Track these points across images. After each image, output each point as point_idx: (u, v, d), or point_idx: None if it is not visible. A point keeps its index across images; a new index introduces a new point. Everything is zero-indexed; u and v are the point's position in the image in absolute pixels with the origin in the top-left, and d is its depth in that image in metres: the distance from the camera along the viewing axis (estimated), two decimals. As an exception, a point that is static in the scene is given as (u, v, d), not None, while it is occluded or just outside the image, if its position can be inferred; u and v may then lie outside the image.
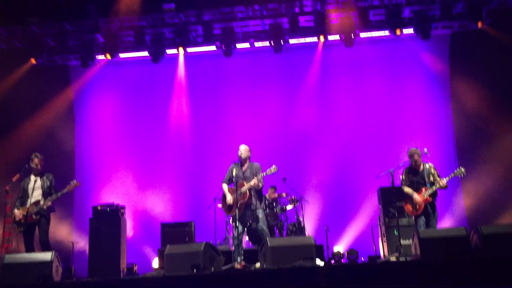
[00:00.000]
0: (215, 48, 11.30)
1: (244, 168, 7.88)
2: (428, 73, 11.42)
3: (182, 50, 11.13)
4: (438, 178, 7.66)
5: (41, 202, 7.63)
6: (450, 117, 11.20)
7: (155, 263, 9.48)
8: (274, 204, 9.88)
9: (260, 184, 7.67)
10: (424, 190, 7.63)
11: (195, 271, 6.23)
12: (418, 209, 7.63)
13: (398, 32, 10.51)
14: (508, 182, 10.29)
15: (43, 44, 10.96)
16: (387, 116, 11.36)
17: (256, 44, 11.53)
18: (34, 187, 7.76)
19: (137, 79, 12.07)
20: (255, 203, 7.72)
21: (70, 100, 11.96)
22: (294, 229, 9.67)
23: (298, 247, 6.71)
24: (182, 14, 10.72)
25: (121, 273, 8.86)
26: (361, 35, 10.95)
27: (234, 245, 7.74)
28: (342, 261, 9.18)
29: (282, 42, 10.82)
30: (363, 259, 9.24)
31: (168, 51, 11.29)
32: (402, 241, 8.37)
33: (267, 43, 11.05)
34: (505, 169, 10.28)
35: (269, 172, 7.61)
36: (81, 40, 11.09)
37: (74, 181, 7.75)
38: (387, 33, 10.95)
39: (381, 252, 9.32)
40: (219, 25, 10.87)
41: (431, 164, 7.84)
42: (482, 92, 10.63)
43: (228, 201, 7.84)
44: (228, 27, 10.86)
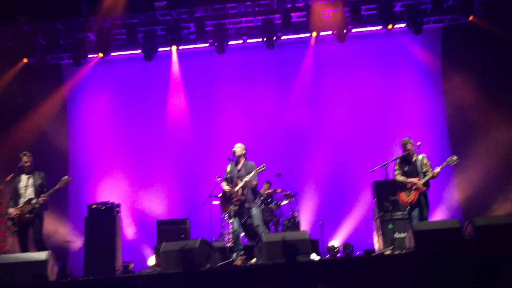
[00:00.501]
0: (207, 45, 11.29)
1: (239, 167, 7.95)
2: (420, 67, 11.46)
3: (175, 48, 11.10)
4: (430, 168, 7.72)
5: (34, 200, 7.61)
6: (443, 110, 11.25)
7: (151, 260, 9.48)
8: (269, 200, 9.90)
9: (254, 182, 7.72)
10: (417, 180, 7.68)
11: (190, 267, 6.25)
12: (412, 197, 7.65)
13: (390, 27, 10.53)
14: (501, 174, 10.35)
15: (34, 43, 10.86)
16: (381, 110, 11.39)
17: (249, 40, 11.53)
18: (26, 186, 7.75)
19: (130, 76, 12.02)
20: (250, 200, 7.77)
21: (63, 99, 11.89)
22: (289, 224, 9.70)
23: (293, 242, 6.75)
24: (174, 12, 10.68)
25: (117, 272, 8.85)
26: (353, 30, 10.97)
27: (233, 240, 7.79)
28: (338, 255, 9.23)
29: (274, 38, 10.81)
30: (358, 253, 9.28)
31: (161, 49, 11.26)
32: (397, 235, 8.43)
33: (259, 39, 11.04)
34: (498, 161, 10.32)
35: (258, 170, 7.65)
36: (72, 38, 11.02)
37: (66, 177, 7.75)
38: (379, 27, 10.96)
39: (376, 246, 9.37)
40: (211, 22, 10.85)
41: (424, 154, 7.91)
42: (474, 84, 10.66)
43: (224, 198, 7.94)
44: (220, 24, 10.84)
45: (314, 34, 10.92)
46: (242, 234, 8.42)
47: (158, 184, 11.53)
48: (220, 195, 8.59)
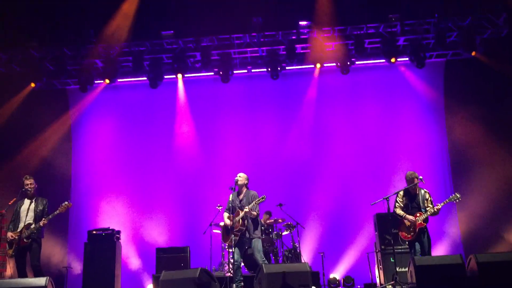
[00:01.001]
0: (212, 73, 11.42)
1: (240, 196, 7.95)
2: (423, 100, 11.53)
3: (180, 76, 11.23)
4: (431, 205, 7.73)
5: (32, 225, 7.60)
6: (445, 144, 11.27)
7: (150, 289, 9.40)
8: (270, 230, 9.85)
9: (254, 213, 7.69)
10: (418, 215, 7.67)
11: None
12: (412, 233, 7.64)
13: (393, 60, 10.67)
14: (503, 210, 10.32)
15: (42, 68, 11.03)
16: (383, 143, 11.42)
17: (253, 70, 11.68)
18: (27, 210, 7.75)
19: (135, 103, 12.13)
20: (251, 230, 7.74)
21: (68, 124, 11.97)
22: (290, 255, 9.63)
23: (293, 273, 6.69)
24: (180, 41, 10.86)
25: (115, 299, 8.78)
26: (356, 63, 11.11)
27: (233, 270, 7.73)
28: (338, 288, 9.14)
29: (279, 68, 10.96)
30: (359, 287, 9.18)
31: (166, 76, 11.38)
32: (398, 269, 8.35)
33: (264, 69, 11.17)
34: (501, 197, 10.30)
35: (258, 202, 7.64)
36: (79, 64, 11.19)
37: (66, 202, 7.74)
38: (382, 60, 11.10)
39: (377, 280, 9.27)
40: (217, 52, 11.00)
41: (426, 190, 7.91)
42: (477, 119, 10.74)
43: (225, 229, 7.94)
44: (226, 54, 10.99)
45: (318, 65, 11.06)
46: (242, 264, 8.35)
47: (159, 211, 11.50)
48: (221, 224, 8.57)
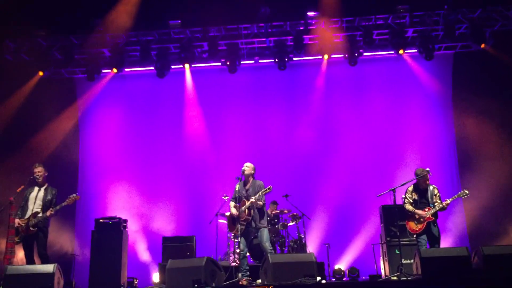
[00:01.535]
0: (220, 64, 11.41)
1: (247, 186, 7.98)
2: (431, 92, 11.48)
3: (188, 66, 11.22)
4: (439, 200, 7.75)
5: (40, 214, 7.66)
6: (452, 137, 11.23)
7: (156, 277, 9.46)
8: (275, 220, 9.89)
9: (260, 202, 7.72)
10: (427, 209, 7.69)
11: (196, 286, 6.22)
12: (420, 227, 7.65)
13: (401, 51, 10.62)
14: (509, 204, 10.29)
15: (50, 57, 11.07)
16: (390, 135, 11.40)
17: (261, 61, 11.65)
18: (35, 198, 7.81)
19: (142, 93, 12.15)
20: (257, 220, 7.77)
21: (76, 113, 11.99)
22: (295, 245, 9.66)
23: (299, 263, 6.73)
24: (188, 30, 10.85)
25: (122, 287, 8.83)
26: (365, 54, 11.06)
27: (239, 260, 7.78)
28: (343, 279, 9.16)
29: (286, 59, 10.93)
30: (364, 278, 9.21)
31: (173, 66, 11.39)
32: (403, 261, 8.35)
33: (271, 60, 11.15)
34: (507, 190, 10.27)
35: (264, 192, 7.67)
36: (87, 53, 11.21)
37: (74, 195, 7.79)
38: (391, 52, 11.04)
39: (382, 271, 9.29)
40: (224, 42, 10.99)
41: (435, 186, 7.92)
42: (485, 112, 10.67)
43: (231, 218, 7.97)
44: (233, 44, 10.97)
45: (325, 56, 11.02)
46: (248, 254, 8.40)
47: (166, 200, 11.55)
48: (227, 214, 8.61)
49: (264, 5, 10.33)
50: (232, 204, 8.04)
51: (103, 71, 11.54)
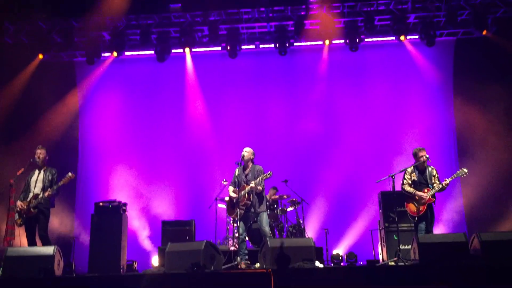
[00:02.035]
0: (220, 48, 11.35)
1: (246, 171, 8.00)
2: (432, 79, 11.45)
3: (188, 50, 11.17)
4: (437, 181, 7.76)
5: (40, 195, 7.70)
6: (452, 124, 11.23)
7: (155, 260, 9.52)
8: (275, 205, 9.92)
9: (259, 187, 7.75)
10: (426, 191, 7.70)
11: (195, 269, 6.26)
12: (421, 209, 7.66)
13: (403, 38, 10.57)
14: (508, 190, 10.32)
15: (49, 40, 11.00)
16: (390, 121, 11.41)
17: (261, 46, 11.59)
18: (36, 180, 7.85)
19: (143, 76, 12.12)
20: (256, 205, 7.81)
21: (75, 97, 11.98)
22: (294, 231, 9.71)
23: (298, 248, 6.77)
24: (188, 14, 10.78)
25: (121, 270, 8.90)
26: (366, 40, 11.00)
27: (238, 244, 7.83)
28: (341, 264, 9.22)
29: (287, 44, 10.87)
30: (361, 263, 9.27)
31: (174, 50, 11.33)
32: (401, 246, 8.40)
33: (272, 45, 11.10)
34: (506, 176, 10.30)
35: (264, 177, 7.69)
36: (87, 37, 11.13)
37: (69, 173, 7.79)
38: (392, 38, 10.98)
39: (380, 257, 9.35)
40: (225, 26, 10.93)
41: (433, 167, 7.94)
42: (485, 99, 10.65)
43: (230, 202, 8.00)
44: (234, 28, 10.92)
45: (327, 42, 10.96)
46: (247, 238, 8.45)
47: (166, 184, 11.60)
48: (226, 198, 8.64)
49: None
50: (231, 189, 8.08)
51: (103, 54, 11.48)
